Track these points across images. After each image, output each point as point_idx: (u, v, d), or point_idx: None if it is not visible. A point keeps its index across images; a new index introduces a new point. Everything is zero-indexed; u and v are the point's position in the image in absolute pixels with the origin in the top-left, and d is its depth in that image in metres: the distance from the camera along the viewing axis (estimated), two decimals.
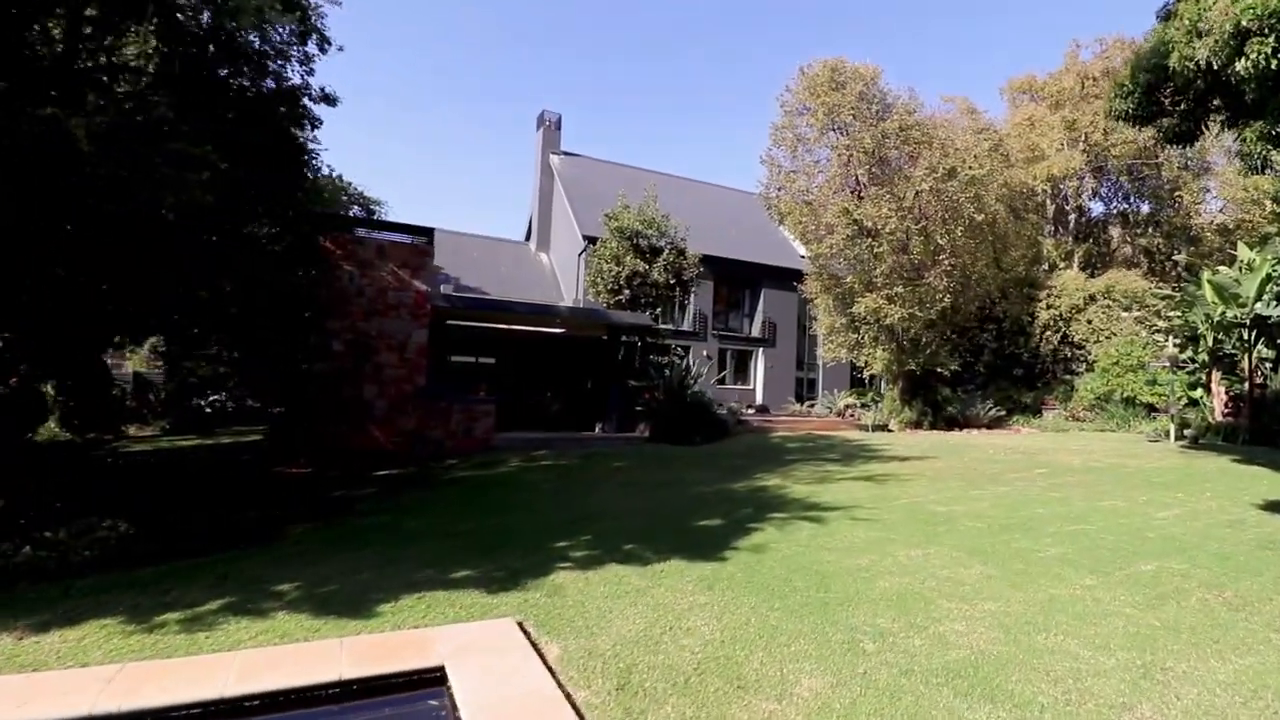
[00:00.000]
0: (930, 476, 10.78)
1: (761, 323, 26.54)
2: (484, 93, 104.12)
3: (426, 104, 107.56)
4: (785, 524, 7.32)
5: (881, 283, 16.66)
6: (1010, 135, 23.75)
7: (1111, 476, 10.68)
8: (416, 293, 13.82)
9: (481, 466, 12.25)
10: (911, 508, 8.18)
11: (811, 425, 18.92)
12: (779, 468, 11.92)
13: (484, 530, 6.99)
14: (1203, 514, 7.74)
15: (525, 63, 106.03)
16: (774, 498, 9.05)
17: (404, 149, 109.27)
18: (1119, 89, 8.36)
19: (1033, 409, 21.84)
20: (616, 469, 11.89)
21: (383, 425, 13.42)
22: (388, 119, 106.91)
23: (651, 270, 16.77)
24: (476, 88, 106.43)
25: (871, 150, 16.04)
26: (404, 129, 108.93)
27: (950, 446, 15.13)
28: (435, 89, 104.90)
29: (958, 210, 16.07)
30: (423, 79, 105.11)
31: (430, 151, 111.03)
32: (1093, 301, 22.13)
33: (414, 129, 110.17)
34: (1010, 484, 10.01)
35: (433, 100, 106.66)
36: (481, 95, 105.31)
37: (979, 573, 5.45)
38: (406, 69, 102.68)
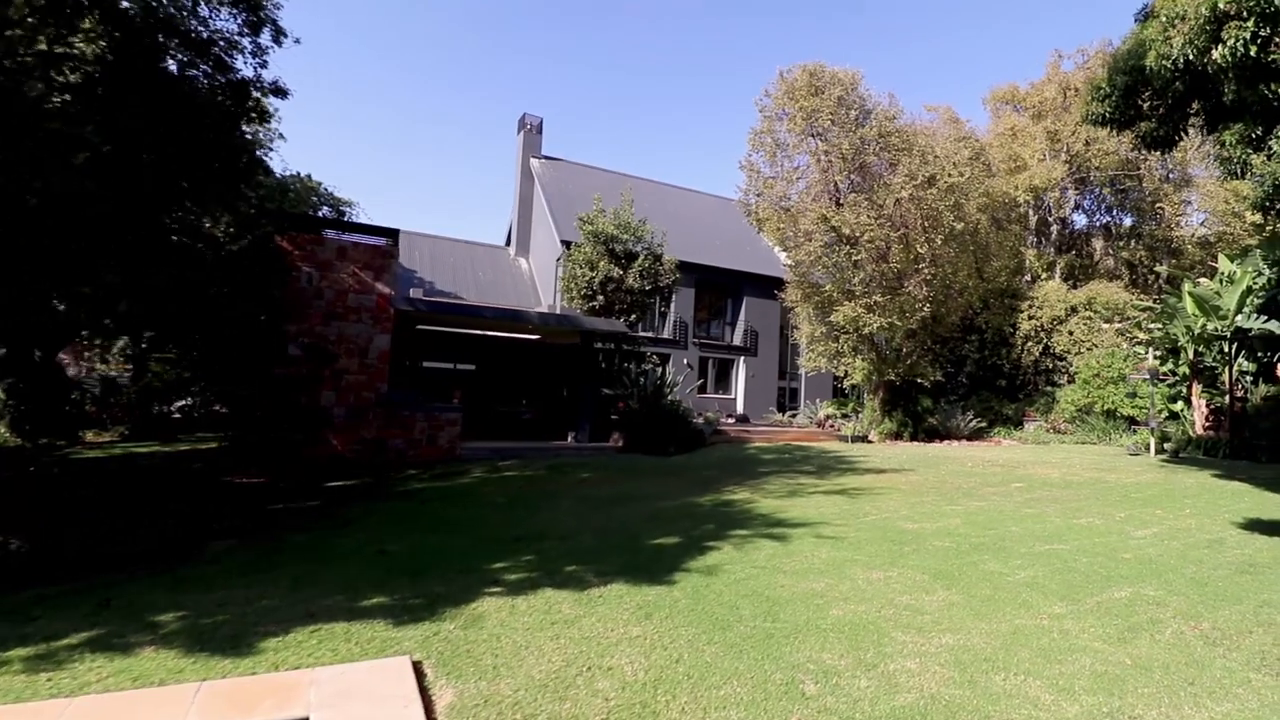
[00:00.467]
0: (904, 490, 10.41)
1: (743, 331, 26.21)
2: (468, 95, 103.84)
3: (406, 105, 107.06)
4: (745, 542, 6.89)
5: (860, 291, 16.34)
6: (993, 145, 23.65)
7: (1090, 491, 10.36)
8: (379, 296, 13.34)
9: (441, 478, 11.74)
10: (880, 525, 7.78)
11: (790, 435, 18.54)
12: (750, 480, 11.50)
13: (419, 549, 6.50)
14: (1181, 533, 7.39)
15: (511, 67, 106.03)
16: (739, 513, 8.62)
17: (384, 152, 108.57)
18: (1096, 92, 8.07)
19: (1014, 420, 21.59)
20: (581, 481, 11.43)
21: (342, 433, 12.90)
22: (369, 121, 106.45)
23: (627, 276, 16.36)
24: (459, 90, 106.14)
25: (850, 156, 15.78)
26: (385, 131, 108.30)
27: (928, 459, 14.79)
28: (415, 90, 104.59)
29: (938, 218, 15.82)
30: (402, 80, 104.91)
31: (411, 154, 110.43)
32: (1074, 313, 21.98)
33: (395, 131, 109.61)
34: (986, 499, 9.64)
35: (413, 101, 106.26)
36: (466, 98, 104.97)
37: (941, 599, 5.04)
38: (386, 70, 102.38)
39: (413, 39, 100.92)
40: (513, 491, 10.39)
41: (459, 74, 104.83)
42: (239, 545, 6.78)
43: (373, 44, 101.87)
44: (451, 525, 7.80)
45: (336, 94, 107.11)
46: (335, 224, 13.38)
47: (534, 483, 11.26)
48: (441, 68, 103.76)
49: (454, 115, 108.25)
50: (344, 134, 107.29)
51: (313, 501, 9.52)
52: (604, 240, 16.54)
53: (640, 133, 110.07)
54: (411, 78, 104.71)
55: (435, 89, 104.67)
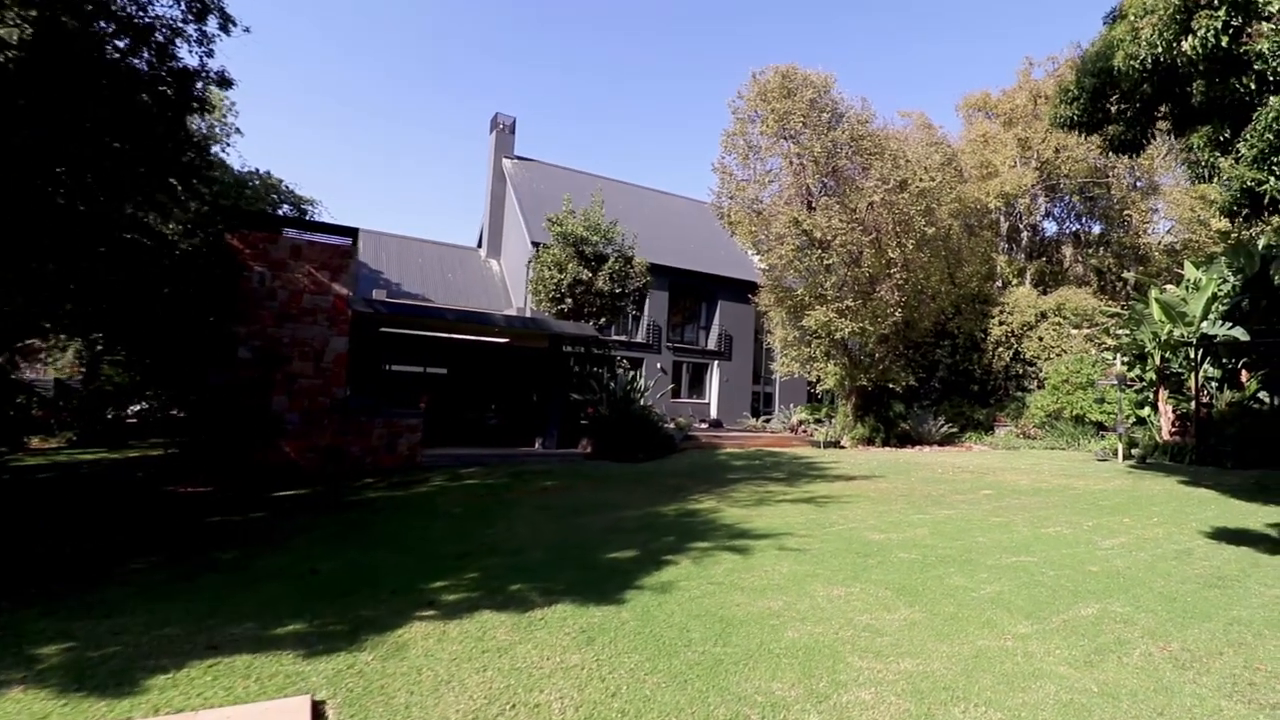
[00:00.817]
0: (873, 498, 10.21)
1: (718, 335, 26.02)
2: (445, 97, 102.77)
3: (382, 105, 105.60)
4: (705, 556, 6.59)
5: (832, 295, 16.21)
6: (965, 151, 23.80)
7: (1058, 499, 10.25)
8: (336, 297, 12.83)
9: (398, 486, 11.28)
10: (846, 535, 7.53)
11: (763, 441, 18.34)
12: (718, 488, 11.23)
13: (355, 567, 6.08)
14: (1149, 543, 7.25)
15: (489, 69, 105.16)
16: (703, 523, 8.33)
17: (362, 153, 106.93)
18: (1064, 94, 7.97)
19: (985, 426, 21.66)
20: (543, 489, 11.04)
21: (295, 440, 12.35)
22: (342, 120, 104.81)
23: (596, 279, 16.00)
24: (438, 92, 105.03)
25: (822, 159, 15.66)
26: (360, 132, 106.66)
27: (899, 465, 14.67)
28: (391, 91, 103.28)
29: (909, 223, 15.76)
30: (379, 81, 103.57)
31: (388, 155, 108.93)
32: (1044, 319, 22.16)
33: (370, 131, 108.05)
34: (954, 507, 9.48)
35: (388, 102, 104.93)
36: (443, 100, 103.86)
37: (903, 618, 4.78)
38: (361, 70, 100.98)
39: (389, 39, 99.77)
40: (470, 501, 9.98)
41: (437, 76, 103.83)
42: (161, 563, 6.30)
43: (349, 44, 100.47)
44: (397, 539, 7.38)
45: (322, 97, 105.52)
46: (290, 222, 12.85)
47: (494, 492, 10.86)
48: (418, 69, 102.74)
49: (431, 117, 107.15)
50: (323, 136, 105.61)
51: (256, 513, 9.01)
52: (573, 242, 16.17)
53: (617, 136, 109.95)
54: (388, 79, 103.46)
55: (413, 90, 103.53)
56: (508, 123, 26.00)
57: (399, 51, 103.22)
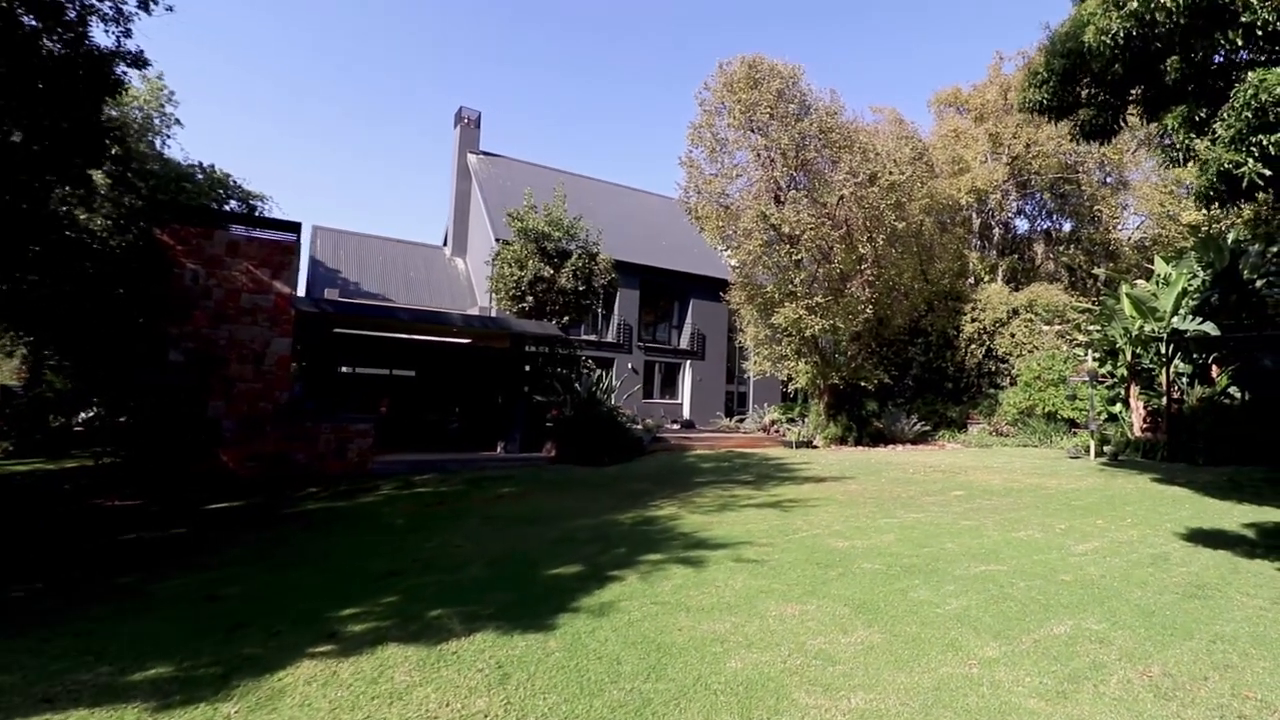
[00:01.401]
0: (841, 501, 9.79)
1: (690, 334, 25.58)
2: (417, 96, 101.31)
3: (352, 103, 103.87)
4: (655, 570, 6.08)
5: (802, 292, 15.83)
6: (936, 147, 23.65)
7: (1030, 499, 9.93)
8: (277, 295, 12.10)
9: (343, 496, 10.62)
10: (809, 543, 7.08)
11: (734, 442, 17.91)
12: (682, 493, 10.75)
13: (261, 592, 5.47)
14: (1124, 547, 6.90)
15: (458, 65, 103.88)
16: (660, 532, 7.83)
17: (329, 152, 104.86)
18: (1033, 77, 7.62)
19: (958, 424, 21.49)
20: (498, 498, 10.47)
21: (234, 448, 11.60)
22: (311, 118, 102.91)
23: (559, 276, 15.43)
24: (408, 91, 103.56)
25: (790, 152, 15.27)
26: (328, 129, 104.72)
27: (871, 465, 14.32)
28: (361, 89, 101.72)
29: (879, 218, 15.45)
30: (348, 79, 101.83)
31: (357, 154, 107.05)
32: (1016, 315, 22.06)
33: (338, 130, 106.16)
34: (924, 509, 9.09)
35: (359, 100, 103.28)
36: (414, 99, 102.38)
37: (860, 641, 4.31)
38: (320, 63, 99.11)
39: (360, 36, 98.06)
40: (417, 511, 9.37)
41: (409, 73, 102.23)
42: (49, 589, 5.62)
43: (320, 40, 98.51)
44: (324, 556, 6.76)
45: (291, 95, 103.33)
46: (227, 216, 12.12)
47: (445, 500, 10.26)
48: (389, 64, 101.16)
49: (403, 116, 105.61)
50: (291, 136, 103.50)
51: (177, 529, 8.31)
52: (534, 238, 15.58)
53: (592, 135, 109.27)
54: (359, 77, 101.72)
55: (385, 88, 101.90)
56: (473, 117, 25.27)
57: (368, 46, 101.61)
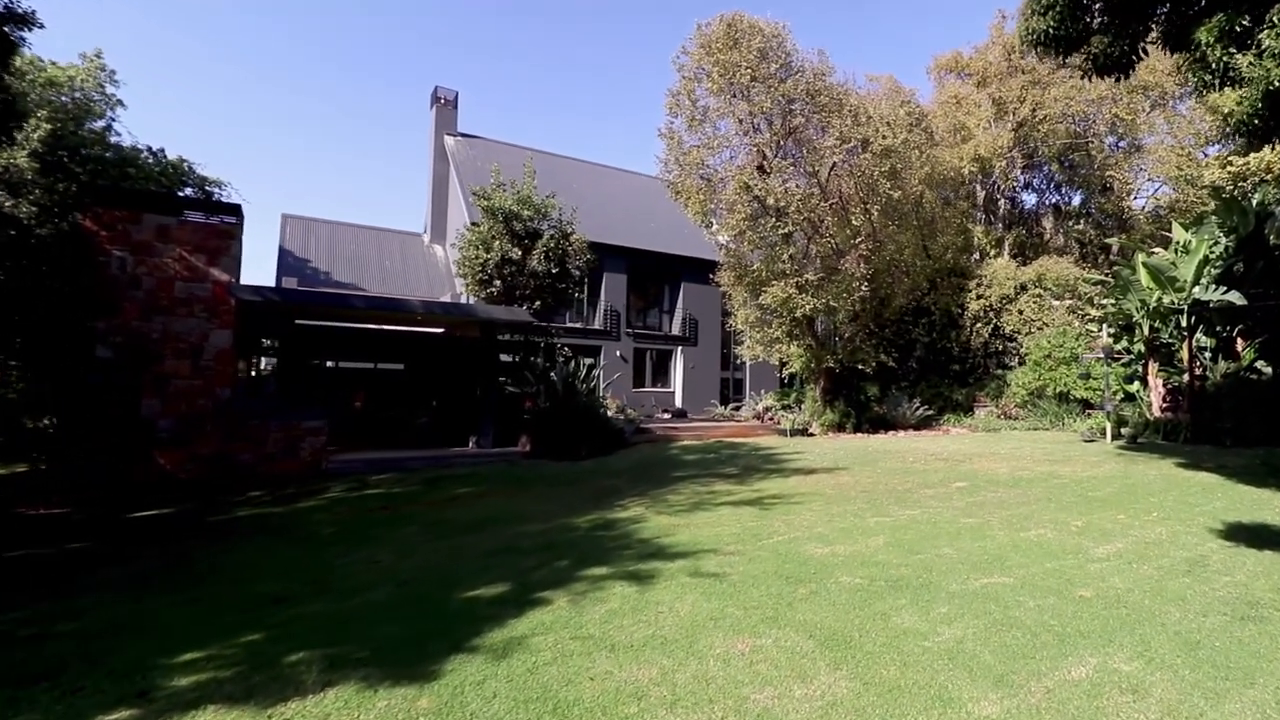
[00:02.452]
0: (829, 496, 8.79)
1: (682, 320, 24.51)
2: (400, 83, 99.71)
3: (336, 96, 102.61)
4: (592, 590, 5.12)
5: (791, 269, 14.71)
6: (937, 115, 22.33)
7: (1042, 490, 8.88)
8: (215, 284, 11.16)
9: (285, 500, 9.72)
10: (783, 550, 6.09)
11: (725, 431, 16.91)
12: (656, 490, 9.78)
13: (102, 629, 4.54)
14: (1153, 549, 5.87)
15: (445, 54, 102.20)
16: (615, 539, 6.86)
17: (316, 143, 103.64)
18: (1035, 3, 6.50)
19: (964, 407, 20.37)
20: (452, 499, 9.54)
21: (172, 449, 10.73)
22: (296, 111, 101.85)
23: (529, 258, 14.37)
24: (390, 78, 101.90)
25: (775, 117, 14.09)
26: (315, 122, 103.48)
27: (868, 453, 13.29)
28: (348, 81, 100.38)
29: (874, 187, 14.29)
30: (336, 73, 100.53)
31: (340, 146, 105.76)
32: (1024, 291, 20.83)
33: (324, 120, 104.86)
34: (921, 505, 8.07)
35: (342, 91, 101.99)
36: (398, 86, 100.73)
37: (820, 693, 3.33)
38: (308, 50, 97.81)
39: (347, 30, 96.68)
40: (354, 518, 8.45)
41: (398, 61, 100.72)
42: None
43: (308, 35, 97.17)
44: (216, 576, 5.83)
45: (274, 86, 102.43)
46: (155, 198, 11.14)
47: (393, 503, 9.34)
48: (370, 56, 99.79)
49: (389, 104, 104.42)
50: (278, 127, 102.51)
51: (78, 543, 7.42)
52: (502, 217, 14.53)
53: (579, 119, 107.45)
54: (340, 66, 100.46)
55: (367, 78, 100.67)
56: (449, 97, 24.14)
57: (350, 37, 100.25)
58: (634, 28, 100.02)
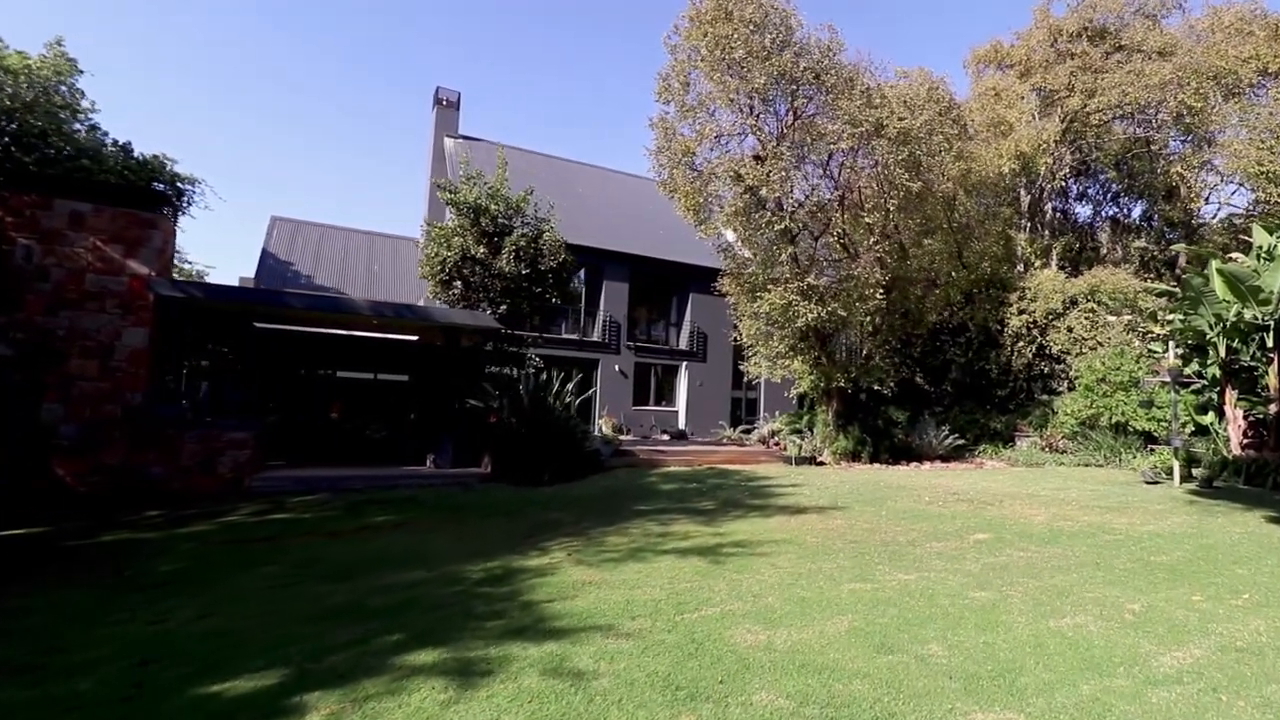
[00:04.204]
0: (807, 547, 6.95)
1: (690, 333, 22.76)
2: (413, 89, 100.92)
3: (338, 96, 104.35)
4: (385, 692, 3.55)
5: (792, 272, 12.87)
6: (973, 110, 20.16)
7: (1087, 550, 6.85)
8: (132, 277, 10.08)
9: (175, 523, 8.40)
10: (701, 634, 4.36)
11: (721, 457, 15.05)
12: (600, 528, 8.11)
13: None
14: (1248, 660, 3.90)
15: (453, 59, 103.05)
16: (497, 599, 5.24)
17: (312, 145, 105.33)
18: None
19: (1004, 437, 17.96)
20: (358, 531, 8.06)
21: (74, 459, 9.60)
22: (301, 109, 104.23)
23: (498, 258, 12.92)
24: (387, 72, 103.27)
25: (774, 98, 12.36)
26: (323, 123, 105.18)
27: (878, 490, 11.28)
28: (349, 82, 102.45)
29: (890, 179, 12.41)
30: (346, 75, 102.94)
31: (344, 148, 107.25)
32: (1074, 305, 18.36)
33: (322, 122, 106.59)
34: (922, 566, 6.17)
35: (346, 93, 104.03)
36: (394, 79, 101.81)
37: None
38: (328, 64, 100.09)
39: (357, 31, 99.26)
40: (222, 551, 7.02)
41: (412, 68, 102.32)
42: None
43: (317, 38, 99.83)
44: None
45: (275, 85, 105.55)
46: (68, 183, 10.14)
47: (286, 534, 7.90)
48: (378, 59, 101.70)
49: (392, 109, 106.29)
50: (277, 126, 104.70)
51: None
52: (467, 211, 13.20)
53: (591, 124, 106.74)
54: (348, 70, 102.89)
55: (374, 83, 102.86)
56: (451, 98, 23.27)
57: (356, 37, 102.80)
58: (651, 29, 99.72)
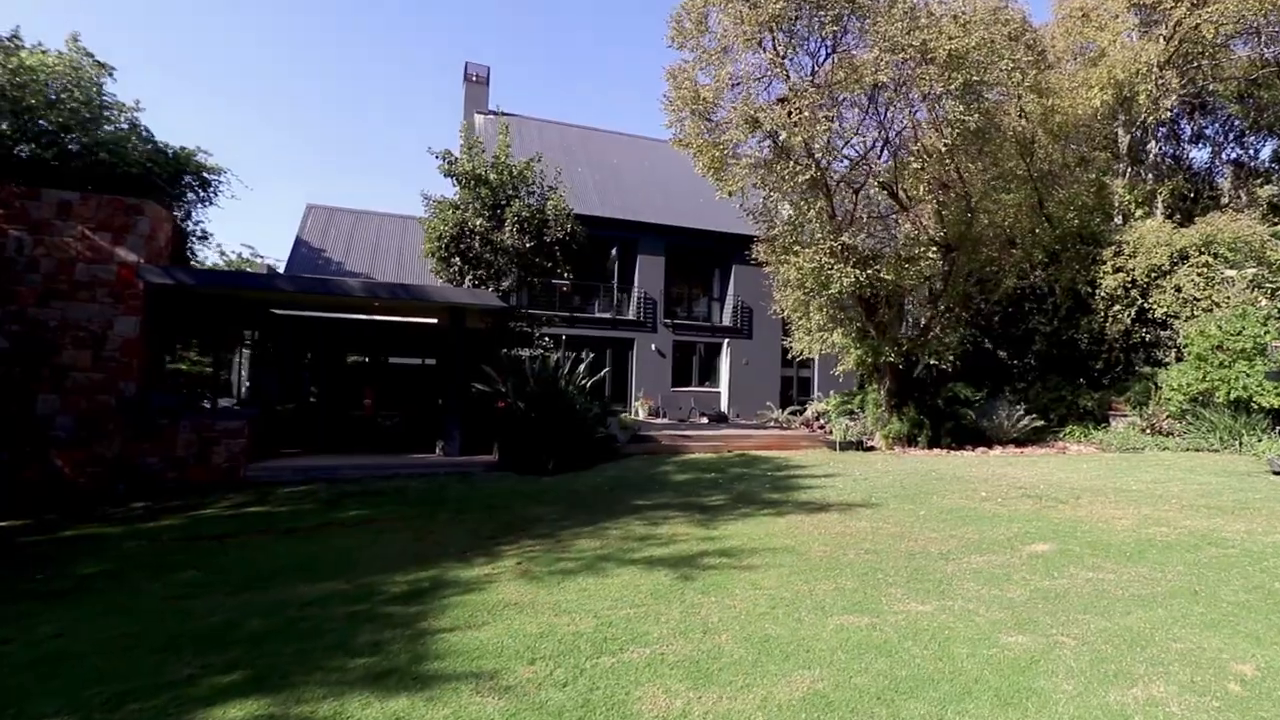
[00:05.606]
0: (809, 560, 5.67)
1: (733, 308, 21.21)
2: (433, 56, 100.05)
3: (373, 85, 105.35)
4: None
5: (823, 231, 11.19)
6: (1055, 35, 17.29)
7: (1182, 570, 5.19)
8: (121, 265, 9.87)
9: (151, 516, 8.13)
10: (599, 695, 3.27)
11: (757, 442, 13.66)
12: (580, 527, 7.11)
13: None
14: None
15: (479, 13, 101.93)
16: (391, 622, 4.36)
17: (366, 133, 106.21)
18: None
19: (1095, 416, 15.49)
20: (320, 527, 7.46)
21: (70, 450, 9.55)
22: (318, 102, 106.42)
23: (501, 231, 11.98)
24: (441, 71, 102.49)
25: (793, 24, 10.53)
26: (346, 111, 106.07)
27: (927, 481, 9.66)
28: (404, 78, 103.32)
29: (942, 114, 10.43)
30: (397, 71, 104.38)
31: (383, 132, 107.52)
32: (1183, 260, 15.46)
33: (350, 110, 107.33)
34: (948, 590, 4.79)
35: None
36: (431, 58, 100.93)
37: None
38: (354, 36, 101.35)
39: (397, 20, 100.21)
40: (170, 550, 6.54)
41: (428, 41, 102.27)
42: None
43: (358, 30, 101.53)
44: None
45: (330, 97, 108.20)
46: (50, 170, 9.96)
47: (245, 529, 7.40)
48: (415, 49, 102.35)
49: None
50: (324, 116, 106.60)
51: None
52: (465, 182, 12.33)
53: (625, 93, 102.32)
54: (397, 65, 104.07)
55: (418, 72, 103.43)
56: (481, 74, 22.54)
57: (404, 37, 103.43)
58: None
